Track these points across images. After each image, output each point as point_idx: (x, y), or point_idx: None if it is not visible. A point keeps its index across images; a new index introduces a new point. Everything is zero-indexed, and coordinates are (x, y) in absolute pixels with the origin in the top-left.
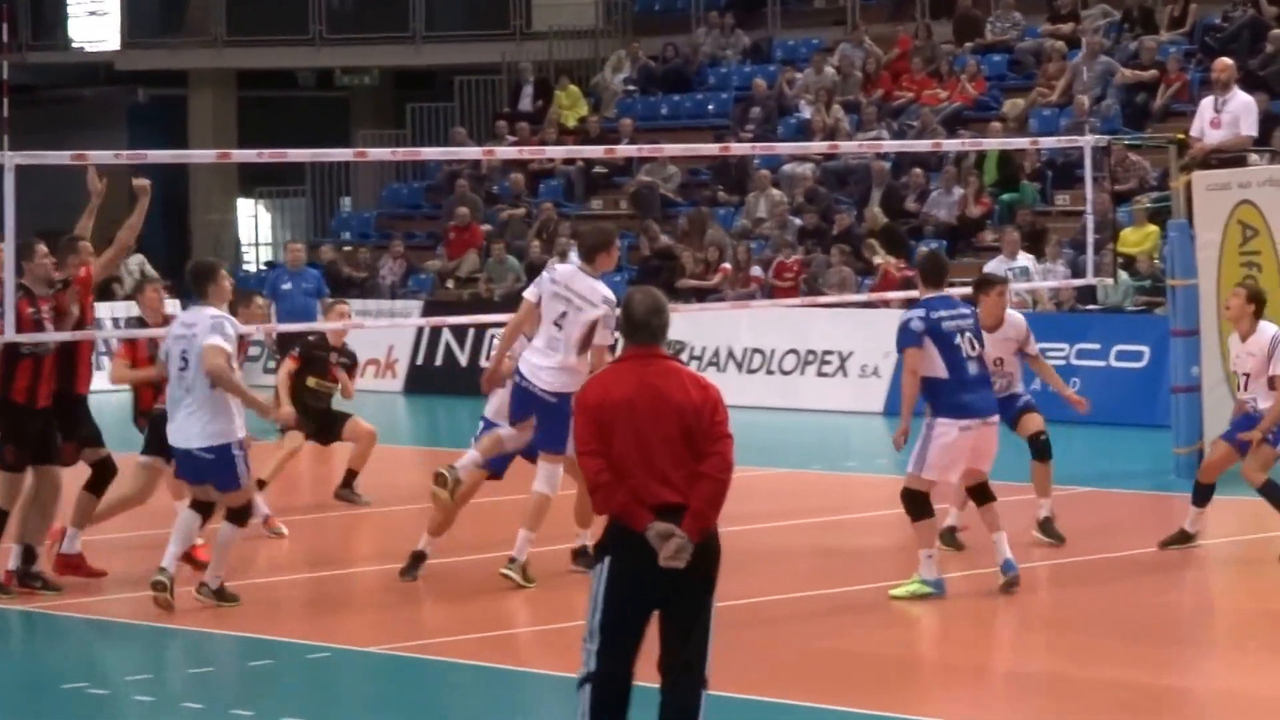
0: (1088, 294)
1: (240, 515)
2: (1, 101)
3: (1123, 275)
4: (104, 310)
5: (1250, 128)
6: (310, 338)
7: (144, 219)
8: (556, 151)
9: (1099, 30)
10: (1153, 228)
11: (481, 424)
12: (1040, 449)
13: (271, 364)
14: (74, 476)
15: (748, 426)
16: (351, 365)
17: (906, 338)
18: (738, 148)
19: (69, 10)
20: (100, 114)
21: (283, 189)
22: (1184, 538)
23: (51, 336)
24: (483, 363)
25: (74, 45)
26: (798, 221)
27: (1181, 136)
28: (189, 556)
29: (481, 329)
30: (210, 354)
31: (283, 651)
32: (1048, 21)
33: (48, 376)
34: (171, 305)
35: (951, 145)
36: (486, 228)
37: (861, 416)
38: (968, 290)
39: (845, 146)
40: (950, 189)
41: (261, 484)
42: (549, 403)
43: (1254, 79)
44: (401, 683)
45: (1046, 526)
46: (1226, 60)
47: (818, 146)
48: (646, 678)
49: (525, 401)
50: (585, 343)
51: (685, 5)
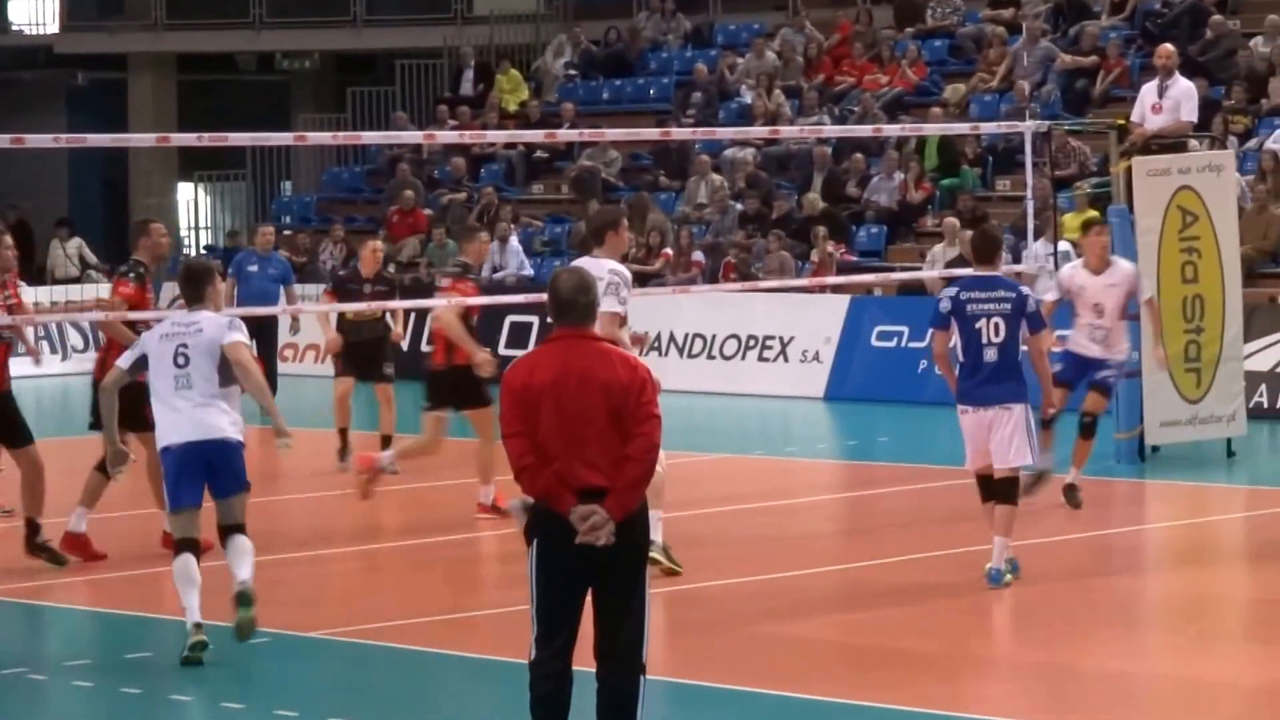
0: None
1: (243, 529)
2: None
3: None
4: (43, 294)
5: (1191, 113)
6: (342, 271)
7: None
8: (497, 136)
9: (1039, 16)
10: (1093, 213)
11: None
12: (1084, 428)
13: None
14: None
15: (689, 411)
16: (390, 294)
17: (933, 317)
18: (679, 132)
19: None
20: (39, 97)
21: (223, 173)
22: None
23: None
24: (424, 347)
25: (13, 28)
26: (739, 206)
27: (1122, 122)
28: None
29: (422, 314)
30: (238, 349)
31: (222, 636)
32: (988, 7)
33: (4, 361)
34: (106, 289)
35: (892, 131)
36: (427, 212)
37: (802, 401)
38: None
39: (786, 131)
40: (891, 174)
41: (344, 433)
42: None
43: (1194, 65)
44: (342, 668)
45: (1069, 492)
46: (1169, 46)
47: (759, 131)
48: (585, 662)
49: None
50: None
51: None
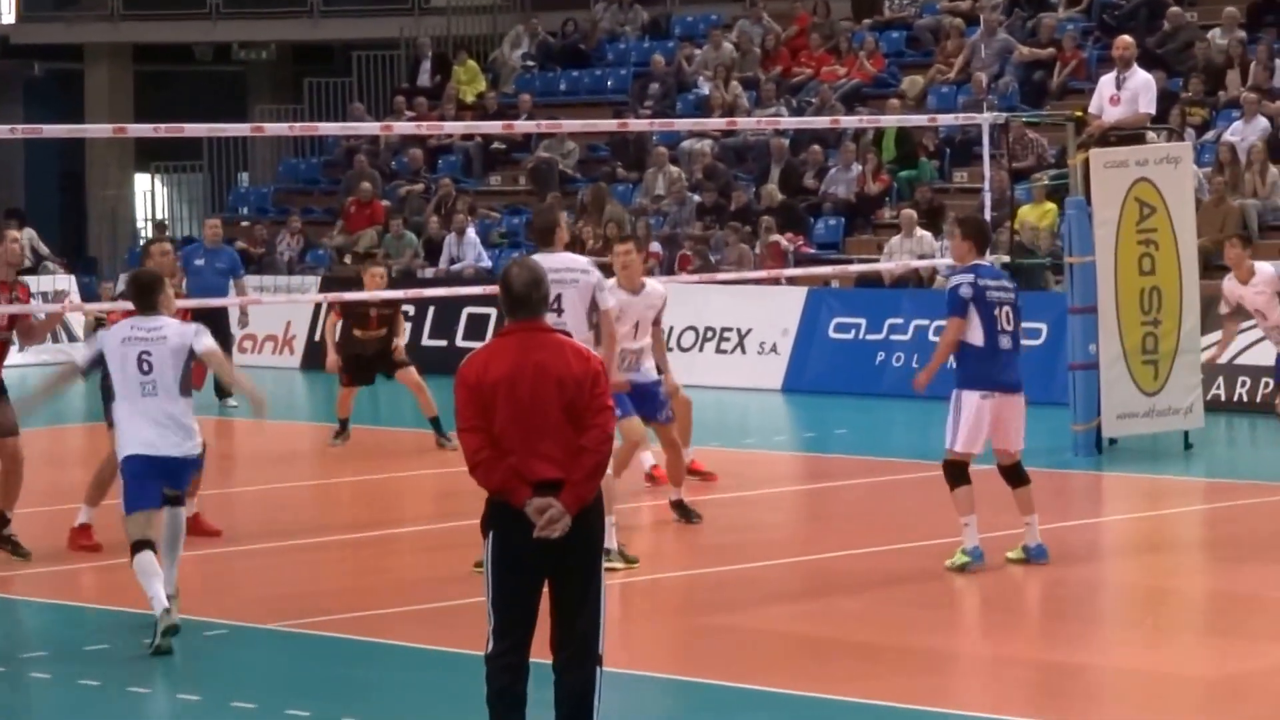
0: None
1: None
2: None
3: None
4: None
5: (1149, 105)
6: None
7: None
8: (455, 127)
9: (997, 7)
10: (1050, 205)
11: None
12: None
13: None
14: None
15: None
16: (394, 314)
17: (951, 304)
18: (636, 124)
19: None
20: None
21: (180, 164)
22: None
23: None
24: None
25: None
26: (696, 198)
27: (1080, 114)
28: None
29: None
30: (212, 356)
31: (180, 629)
32: None
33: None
34: (64, 281)
35: (850, 122)
36: (385, 203)
37: (760, 393)
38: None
39: (744, 123)
40: (849, 166)
41: (345, 422)
42: None
43: (1152, 57)
44: (299, 660)
45: None
46: (1128, 38)
47: (716, 123)
48: (542, 654)
49: None
50: (592, 314)
51: None
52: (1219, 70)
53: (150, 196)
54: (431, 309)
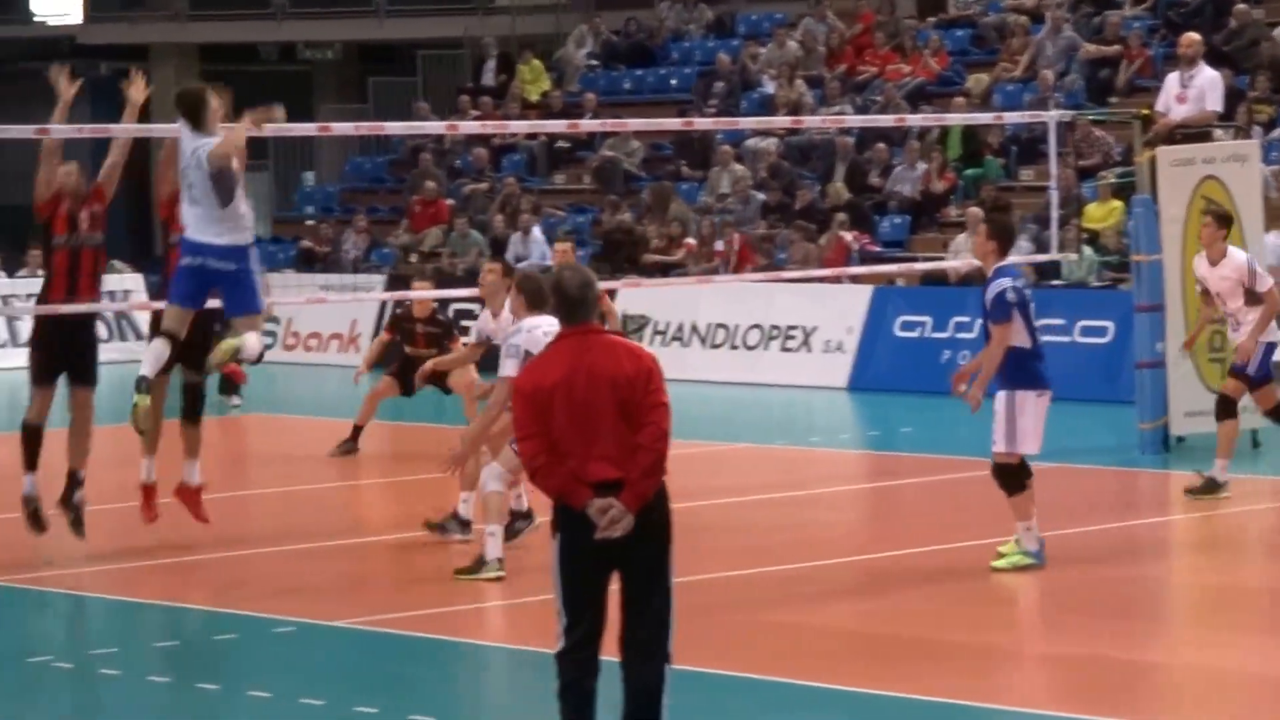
0: (1052, 270)
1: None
2: None
3: (1087, 250)
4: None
5: (1216, 103)
6: (398, 310)
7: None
8: (519, 126)
9: (1062, 5)
10: (1117, 203)
11: None
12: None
13: None
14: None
15: (711, 401)
16: (444, 335)
17: (1002, 311)
18: (701, 122)
19: None
20: None
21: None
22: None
23: None
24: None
25: (36, 19)
26: (761, 196)
27: (1146, 111)
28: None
29: (445, 303)
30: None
31: (248, 626)
32: None
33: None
34: (131, 280)
35: (915, 120)
36: (450, 202)
37: (825, 391)
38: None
39: (809, 121)
40: (914, 164)
41: (358, 430)
42: None
43: (1218, 54)
44: (367, 657)
45: None
46: (1194, 35)
47: (781, 121)
48: (612, 652)
49: None
50: None
51: None
52: None
53: None
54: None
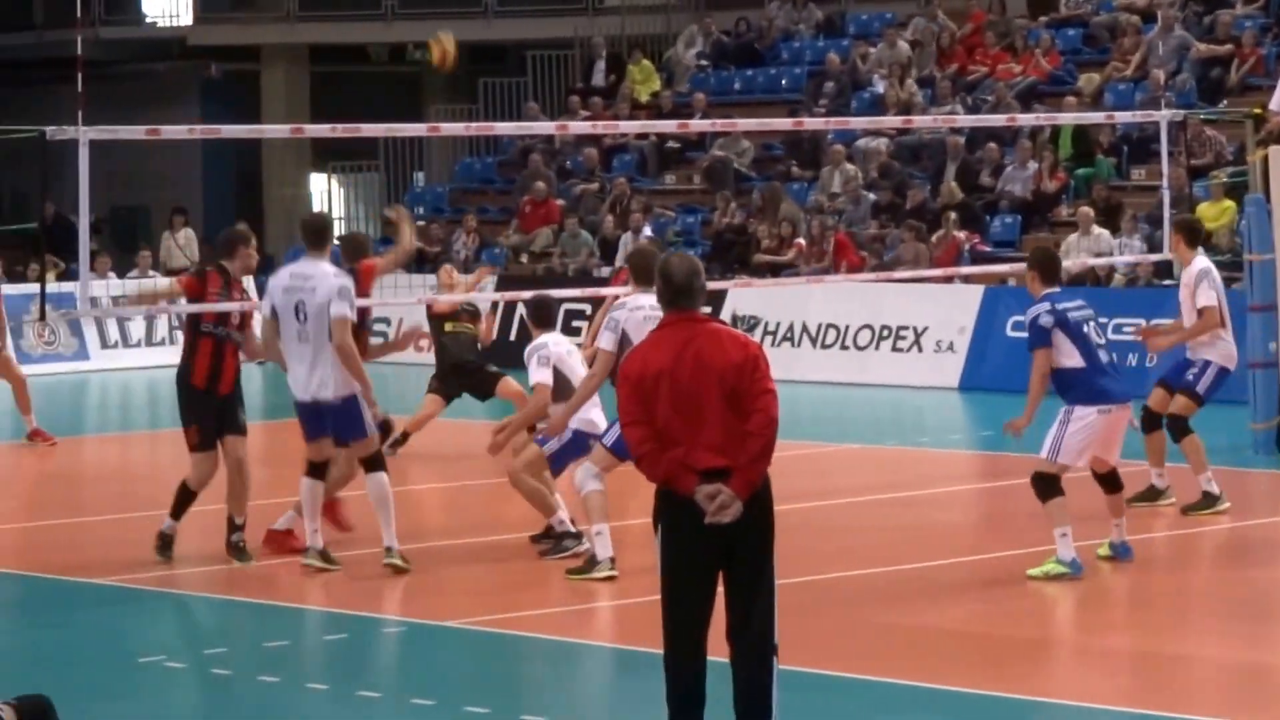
0: (1165, 269)
1: (378, 463)
2: (76, 77)
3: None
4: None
5: None
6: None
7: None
8: (630, 126)
9: (1174, 4)
10: (1229, 203)
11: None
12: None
13: None
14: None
15: (822, 402)
16: (475, 315)
17: (1037, 337)
18: (811, 122)
19: None
20: (173, 89)
21: (356, 164)
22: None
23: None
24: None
25: (147, 20)
26: (871, 196)
27: (1259, 111)
28: (333, 515)
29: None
30: (340, 329)
31: (358, 625)
32: None
33: (230, 361)
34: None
35: (1026, 120)
36: (560, 202)
37: (936, 392)
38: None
39: (919, 121)
40: (1025, 164)
41: (406, 435)
42: None
43: None
44: (478, 657)
45: None
46: None
47: (891, 121)
48: (720, 651)
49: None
50: None
51: None
52: None
53: (327, 196)
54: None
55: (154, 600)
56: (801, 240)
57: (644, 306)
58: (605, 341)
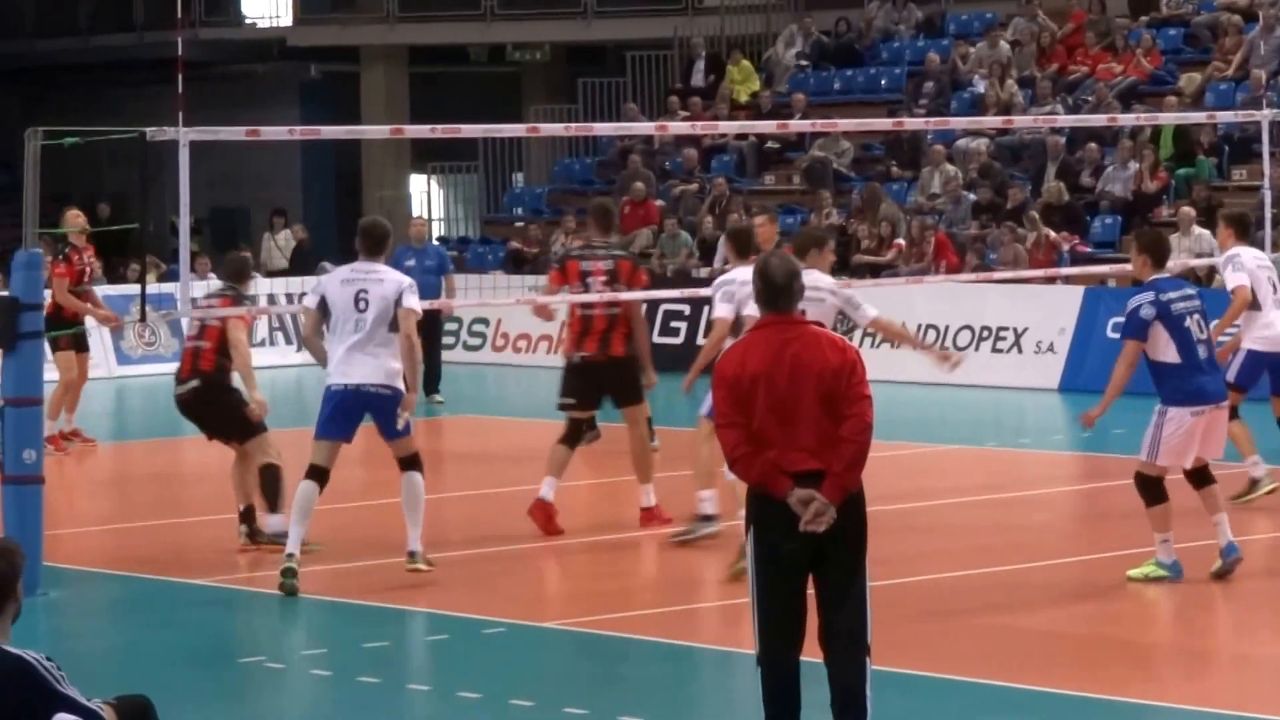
0: None
1: (415, 463)
2: (176, 78)
3: None
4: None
5: None
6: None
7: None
8: (729, 126)
9: (1276, 3)
10: None
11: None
12: None
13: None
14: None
15: (922, 403)
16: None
17: (1133, 327)
18: (911, 122)
19: None
20: (273, 90)
21: (455, 164)
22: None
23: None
24: (656, 338)
25: (247, 22)
26: (971, 197)
27: None
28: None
29: (654, 304)
30: (408, 319)
31: (458, 626)
32: None
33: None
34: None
35: (1127, 120)
36: (659, 203)
37: (1036, 393)
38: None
39: (1020, 121)
40: (1126, 164)
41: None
42: None
43: None
44: (577, 658)
45: None
46: None
47: (992, 121)
48: (814, 653)
49: None
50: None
51: None
52: None
53: (426, 197)
54: (706, 308)
55: (254, 601)
56: (901, 241)
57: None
58: (722, 310)
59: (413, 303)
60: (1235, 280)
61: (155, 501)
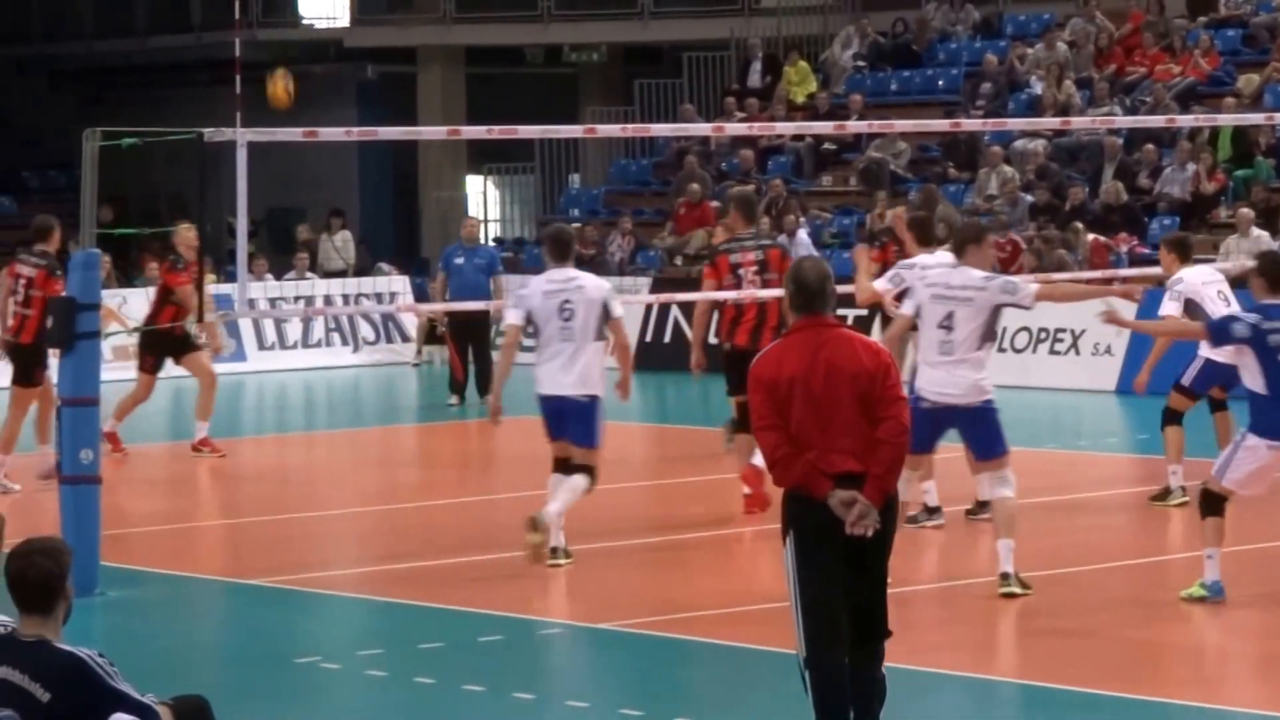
0: None
1: (592, 474)
2: (234, 79)
3: None
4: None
5: None
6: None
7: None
8: (786, 128)
9: None
10: None
11: None
12: None
13: None
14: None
15: None
16: None
17: (1219, 330)
18: (968, 123)
19: None
20: (330, 91)
21: (511, 165)
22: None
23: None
24: (710, 339)
25: (304, 22)
26: (1029, 198)
27: None
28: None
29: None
30: (619, 329)
31: (513, 627)
32: None
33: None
34: (399, 283)
35: (1185, 121)
36: (715, 204)
37: (1094, 395)
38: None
39: (1077, 122)
40: (1184, 165)
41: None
42: (982, 408)
43: None
44: (633, 659)
45: None
46: None
47: (1049, 122)
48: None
49: (940, 421)
50: (990, 333)
51: None
52: None
53: (483, 198)
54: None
55: (309, 601)
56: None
57: (931, 265)
58: (909, 308)
59: (620, 310)
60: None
61: (211, 502)
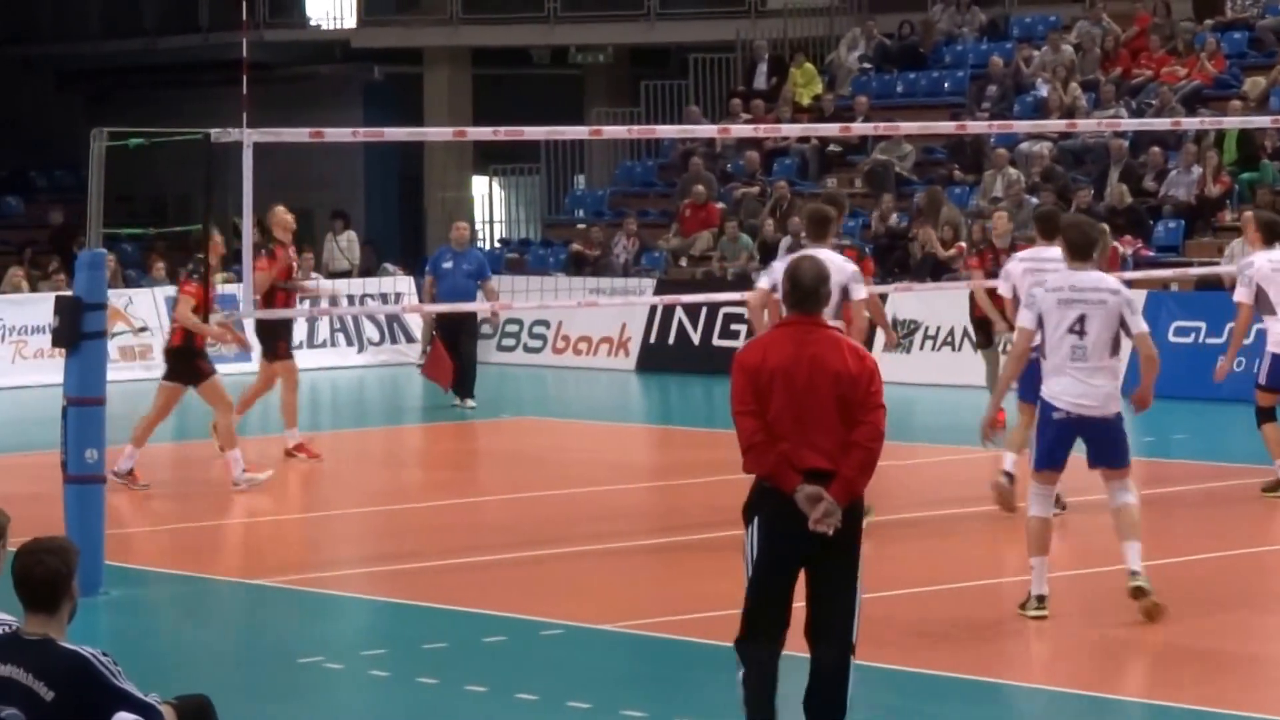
0: None
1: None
2: (241, 80)
3: None
4: (324, 287)
5: None
6: None
7: None
8: (791, 129)
9: None
10: None
11: None
12: None
13: None
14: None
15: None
16: None
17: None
18: (974, 126)
19: None
20: (336, 92)
21: (517, 166)
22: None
23: None
24: (715, 340)
25: (310, 23)
26: (1034, 200)
27: None
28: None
29: (714, 307)
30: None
31: (516, 628)
32: None
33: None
34: (404, 283)
35: (1191, 124)
36: (720, 206)
37: None
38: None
39: (1083, 125)
40: (1189, 168)
41: None
42: (1108, 422)
43: None
44: (635, 660)
45: None
46: None
47: (1055, 125)
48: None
49: (1071, 431)
50: (1117, 340)
51: None
52: None
53: (488, 199)
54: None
55: (313, 601)
56: (963, 243)
57: (1044, 261)
58: (1025, 320)
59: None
60: (1239, 295)
61: (214, 502)
